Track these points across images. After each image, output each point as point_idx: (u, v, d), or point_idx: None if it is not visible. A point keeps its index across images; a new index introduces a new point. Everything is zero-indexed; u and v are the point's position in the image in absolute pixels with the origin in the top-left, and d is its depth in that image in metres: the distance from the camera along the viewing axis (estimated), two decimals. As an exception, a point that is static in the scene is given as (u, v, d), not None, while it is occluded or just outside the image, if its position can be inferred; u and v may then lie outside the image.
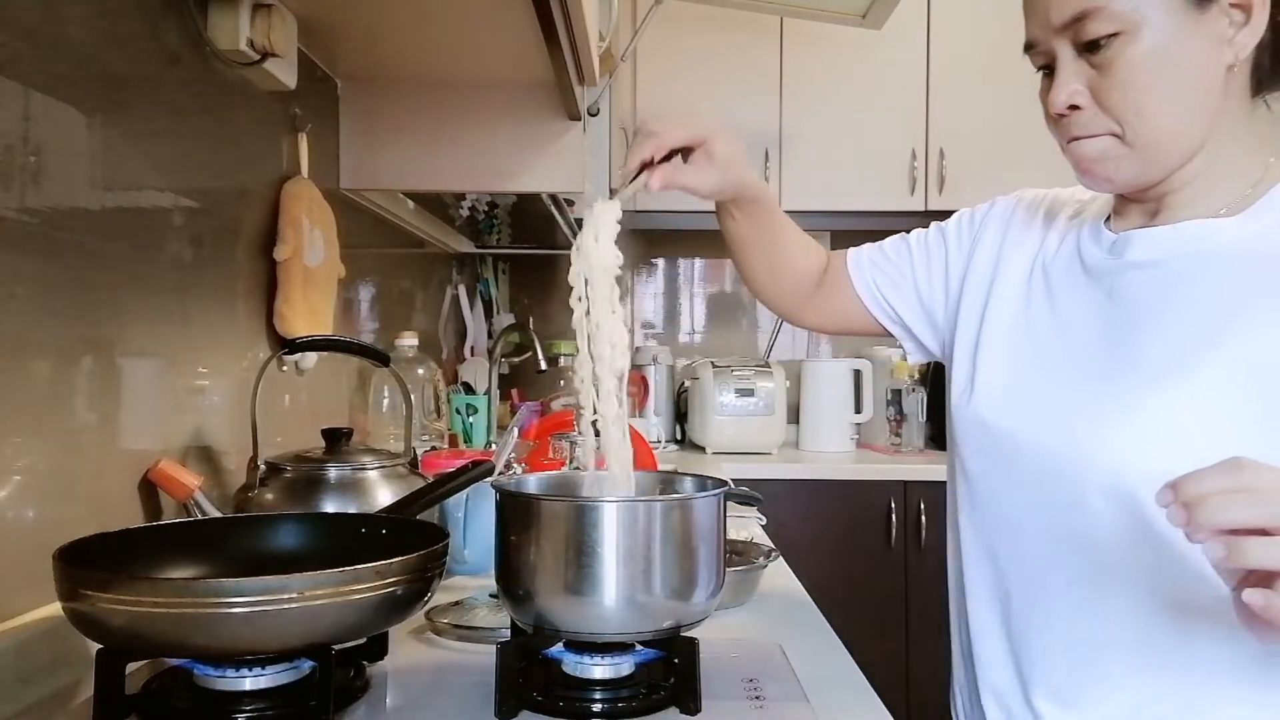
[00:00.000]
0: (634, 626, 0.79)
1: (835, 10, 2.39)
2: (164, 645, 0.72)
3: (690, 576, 0.79)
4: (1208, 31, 0.77)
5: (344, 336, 1.50)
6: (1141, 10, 0.77)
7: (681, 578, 0.79)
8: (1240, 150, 0.83)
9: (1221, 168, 0.82)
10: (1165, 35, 0.77)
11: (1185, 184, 0.83)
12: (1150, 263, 0.84)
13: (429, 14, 1.32)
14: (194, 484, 1.05)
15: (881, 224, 3.01)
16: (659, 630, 0.80)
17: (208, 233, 1.20)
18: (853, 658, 1.00)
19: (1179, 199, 0.84)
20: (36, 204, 0.86)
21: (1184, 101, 0.79)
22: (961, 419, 0.95)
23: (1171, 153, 0.81)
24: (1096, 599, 0.83)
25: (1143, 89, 0.78)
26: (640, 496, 0.85)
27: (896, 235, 1.12)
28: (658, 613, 0.79)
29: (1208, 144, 0.81)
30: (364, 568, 0.72)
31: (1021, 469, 0.88)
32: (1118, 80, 0.79)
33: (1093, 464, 0.81)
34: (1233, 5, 0.77)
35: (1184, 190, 0.83)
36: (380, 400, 1.73)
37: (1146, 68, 0.78)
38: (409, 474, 1.20)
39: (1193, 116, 0.80)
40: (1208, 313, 0.79)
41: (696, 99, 2.95)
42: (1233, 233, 0.80)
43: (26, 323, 0.86)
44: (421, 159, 1.65)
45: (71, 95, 0.92)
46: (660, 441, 3.01)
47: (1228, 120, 0.81)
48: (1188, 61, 0.78)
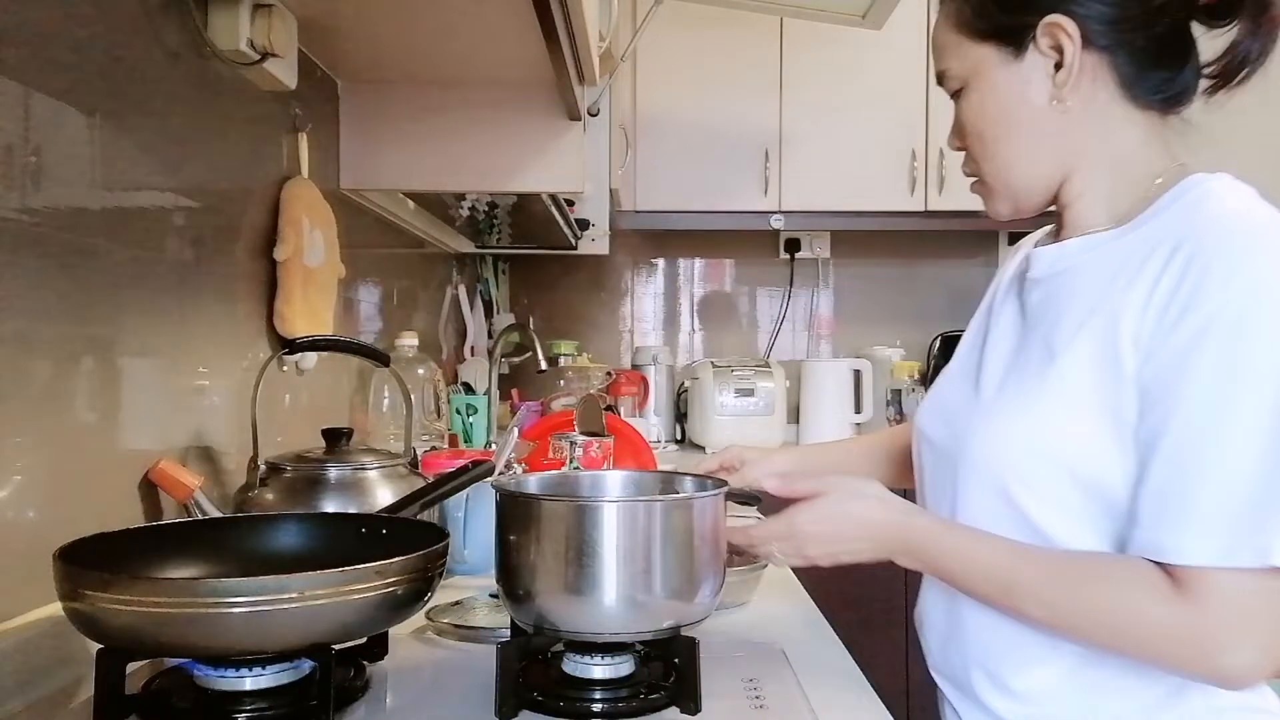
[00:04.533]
0: (634, 626, 0.79)
1: (835, 10, 2.38)
2: (164, 645, 0.72)
3: (691, 576, 0.80)
4: (1030, 76, 0.85)
5: (344, 336, 1.50)
6: (971, 67, 0.87)
7: (682, 577, 0.79)
8: (1126, 164, 0.86)
9: (1104, 184, 0.87)
10: (995, 86, 0.86)
11: (1071, 203, 0.88)
12: (1044, 278, 0.89)
13: (429, 14, 1.32)
14: (194, 484, 1.05)
15: (881, 224, 3.02)
16: (659, 630, 0.80)
17: (208, 233, 1.20)
18: (853, 658, 1.00)
19: (1071, 216, 0.89)
20: (36, 204, 0.86)
21: (1023, 141, 0.87)
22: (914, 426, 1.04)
23: (1029, 187, 0.89)
24: None
25: (986, 137, 0.88)
26: (640, 497, 0.85)
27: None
28: (658, 612, 0.79)
29: (1083, 165, 0.87)
30: (364, 568, 0.72)
31: (928, 464, 0.98)
32: (969, 130, 0.90)
33: (966, 458, 0.89)
34: (1049, 48, 0.84)
35: (1073, 208, 0.88)
36: (380, 400, 1.73)
37: (986, 117, 0.88)
38: (409, 474, 1.20)
39: (1036, 153, 0.87)
40: (1073, 319, 0.83)
41: (696, 99, 2.95)
42: (1111, 245, 0.84)
43: (26, 323, 0.86)
44: (421, 159, 1.65)
45: (71, 95, 0.92)
46: (660, 441, 3.01)
47: (1095, 142, 0.86)
48: (1019, 105, 0.86)
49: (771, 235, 3.24)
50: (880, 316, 3.32)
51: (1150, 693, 0.81)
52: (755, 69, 2.95)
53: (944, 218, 2.96)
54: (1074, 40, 0.82)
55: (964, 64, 0.88)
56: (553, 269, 3.31)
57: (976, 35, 0.87)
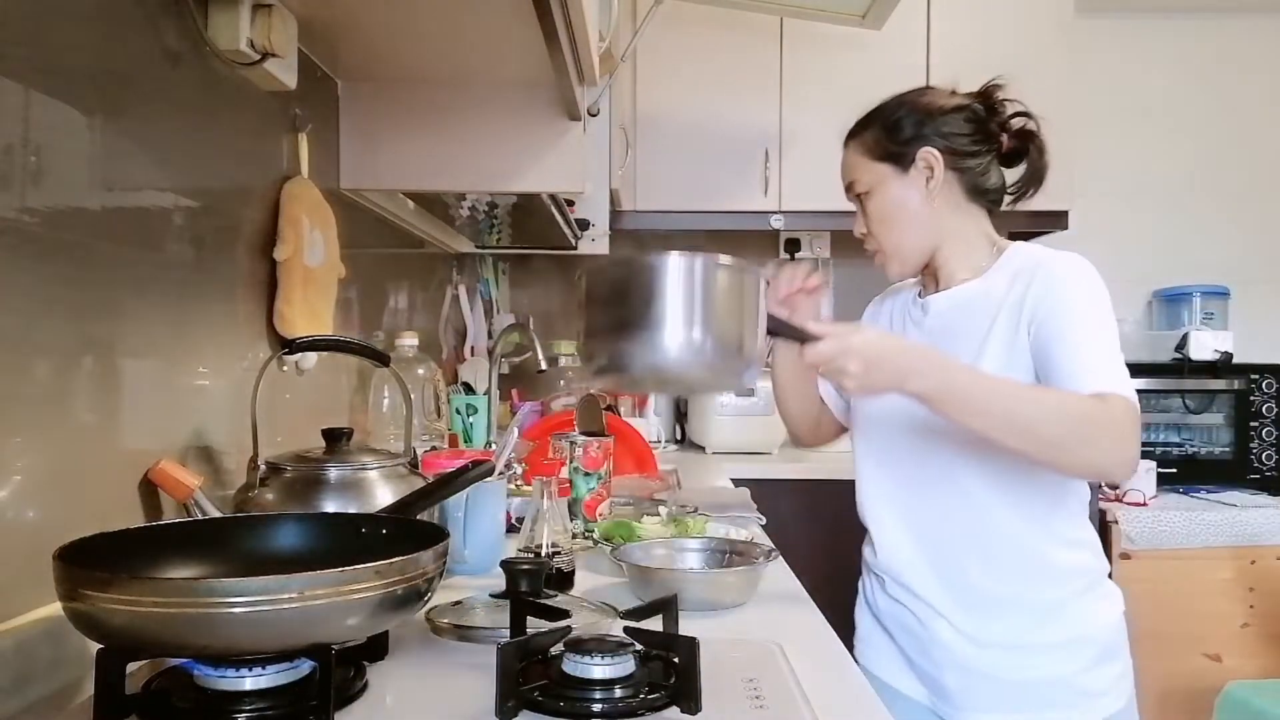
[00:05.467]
0: (690, 371, 0.94)
1: (835, 10, 2.39)
2: (164, 645, 0.72)
3: (737, 337, 0.96)
4: (912, 184, 1.30)
5: (344, 336, 1.50)
6: (872, 179, 1.32)
7: (731, 330, 0.95)
8: (972, 240, 1.32)
9: (961, 251, 1.32)
10: (890, 191, 1.31)
11: (942, 265, 1.33)
12: (939, 313, 1.34)
13: (429, 14, 1.32)
14: (194, 484, 1.05)
15: (881, 224, 3.02)
16: (706, 379, 0.99)
17: (208, 233, 1.20)
18: (853, 658, 1.00)
19: (943, 274, 1.34)
20: (36, 204, 0.87)
21: (906, 228, 1.32)
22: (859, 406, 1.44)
23: (913, 257, 1.33)
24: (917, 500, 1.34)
25: (884, 225, 1.33)
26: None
27: None
28: (710, 361, 0.93)
29: (946, 241, 1.32)
30: (364, 568, 0.72)
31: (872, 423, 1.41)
32: (871, 220, 1.34)
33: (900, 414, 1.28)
34: (923, 168, 1.29)
35: (944, 268, 1.33)
36: (380, 400, 1.73)
37: (884, 211, 1.32)
38: (409, 474, 1.20)
39: (916, 235, 1.32)
40: (969, 337, 1.26)
41: (696, 99, 2.95)
42: (977, 289, 1.30)
43: (26, 323, 0.86)
44: (421, 159, 1.65)
45: (71, 95, 0.92)
46: (660, 441, 3.01)
47: (954, 226, 1.31)
48: (904, 204, 1.31)
49: (771, 235, 3.24)
50: (880, 316, 3.34)
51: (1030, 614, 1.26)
52: (755, 69, 2.95)
53: (944, 218, 2.95)
54: (939, 163, 1.28)
55: (868, 177, 1.33)
56: (553, 269, 3.31)
57: (877, 158, 1.32)
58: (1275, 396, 2.94)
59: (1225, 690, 2.31)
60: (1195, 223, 3.40)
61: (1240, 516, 2.68)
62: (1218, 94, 3.40)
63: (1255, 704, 2.21)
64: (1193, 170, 3.41)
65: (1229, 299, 3.25)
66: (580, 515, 1.56)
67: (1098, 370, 1.15)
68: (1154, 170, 3.40)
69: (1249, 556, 2.68)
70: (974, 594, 1.27)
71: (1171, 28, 3.40)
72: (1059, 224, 2.98)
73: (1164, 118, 3.40)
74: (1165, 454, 2.96)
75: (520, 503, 1.50)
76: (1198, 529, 2.67)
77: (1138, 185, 3.40)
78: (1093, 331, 1.18)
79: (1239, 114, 3.40)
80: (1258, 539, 2.68)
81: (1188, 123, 3.41)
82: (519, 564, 1.00)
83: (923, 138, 1.29)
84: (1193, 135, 3.40)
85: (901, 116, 1.31)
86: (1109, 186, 3.35)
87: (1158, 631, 2.65)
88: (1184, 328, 3.09)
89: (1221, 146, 3.41)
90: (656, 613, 0.94)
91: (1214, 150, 3.41)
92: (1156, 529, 2.67)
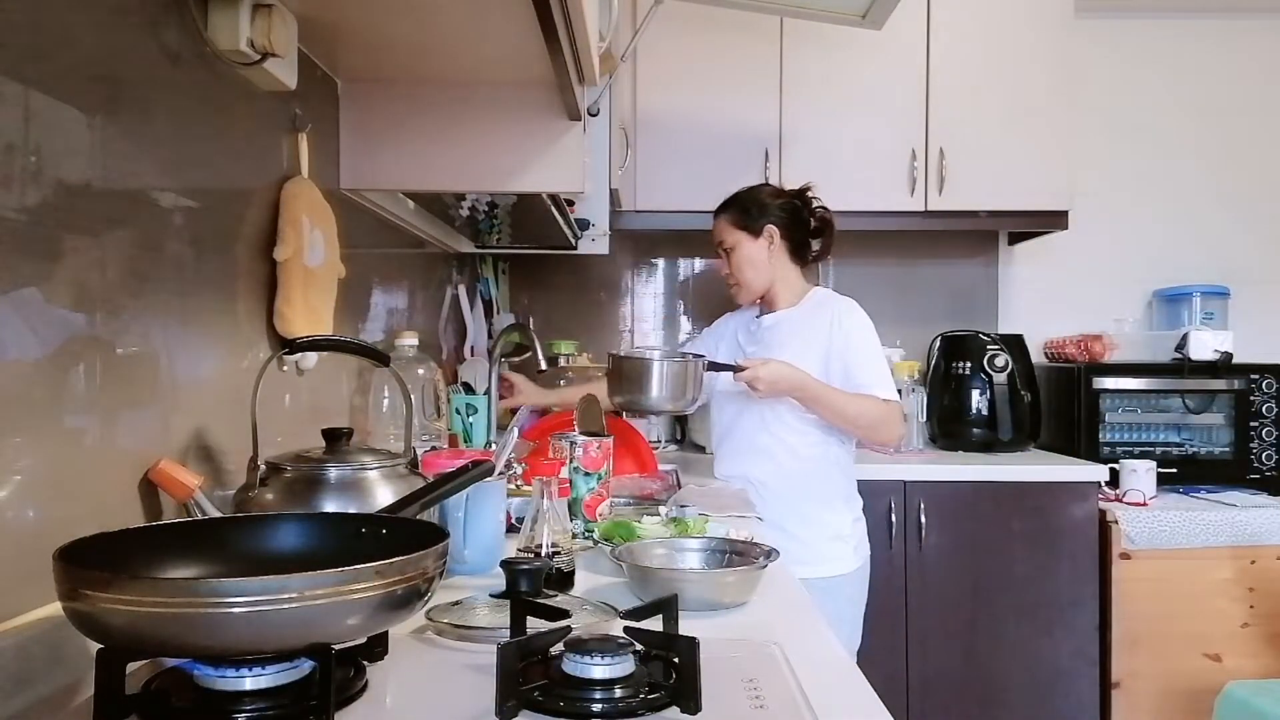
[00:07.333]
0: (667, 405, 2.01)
1: (835, 10, 2.39)
2: (164, 645, 0.72)
3: (683, 392, 1.97)
4: (760, 244, 2.16)
5: (344, 336, 1.50)
6: (734, 240, 2.18)
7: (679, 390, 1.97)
8: (792, 283, 2.19)
9: (785, 289, 2.18)
10: (746, 250, 2.17)
11: (773, 297, 2.19)
12: (768, 328, 2.18)
13: (429, 14, 1.32)
14: (194, 484, 1.05)
15: (881, 224, 3.01)
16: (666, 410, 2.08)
17: (208, 233, 1.20)
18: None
19: (775, 302, 2.20)
20: (36, 204, 0.87)
21: (754, 272, 2.18)
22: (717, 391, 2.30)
23: (755, 290, 2.20)
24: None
25: (740, 269, 2.18)
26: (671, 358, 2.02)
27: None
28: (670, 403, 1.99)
29: (776, 282, 2.18)
30: (364, 568, 0.72)
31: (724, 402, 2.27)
32: (732, 266, 2.20)
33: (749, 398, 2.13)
34: (766, 236, 2.15)
35: (778, 300, 2.19)
36: (380, 400, 1.73)
37: (740, 261, 2.18)
38: (409, 474, 1.20)
39: (759, 277, 2.18)
40: (793, 347, 2.08)
41: (696, 99, 2.95)
42: (793, 314, 2.16)
43: (26, 322, 0.85)
44: (421, 159, 1.65)
45: (71, 95, 0.92)
46: (660, 441, 3.01)
47: (782, 273, 2.18)
48: (753, 258, 2.17)
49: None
50: (880, 316, 3.29)
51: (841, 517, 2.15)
52: (755, 69, 2.95)
53: (944, 218, 2.96)
54: (776, 234, 2.15)
55: (731, 239, 2.18)
56: (553, 269, 3.31)
57: (738, 227, 2.17)
58: (1275, 396, 2.94)
59: (1225, 690, 2.31)
60: (1195, 223, 3.41)
61: (1240, 516, 2.69)
62: (1217, 94, 3.41)
63: (1255, 704, 2.21)
64: (1192, 170, 3.41)
65: (1229, 299, 3.26)
66: (580, 515, 1.56)
67: (882, 384, 2.04)
68: (1154, 170, 3.41)
69: (1249, 556, 2.68)
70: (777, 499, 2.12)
71: (1171, 28, 3.40)
72: (1059, 224, 2.98)
73: (1164, 118, 3.41)
74: (1165, 454, 2.97)
75: (520, 503, 1.50)
76: (1198, 529, 2.67)
77: (1138, 185, 3.41)
78: (875, 355, 2.07)
79: (1239, 114, 3.41)
80: (1258, 539, 2.68)
81: (1187, 123, 3.41)
82: (519, 564, 1.00)
83: (766, 216, 2.15)
84: (1192, 135, 3.41)
85: (753, 203, 2.17)
86: (1109, 186, 3.35)
87: (1158, 631, 2.66)
88: (1184, 328, 3.09)
89: (1221, 146, 3.41)
90: (656, 613, 0.94)
91: (1214, 150, 3.41)
92: (1156, 529, 2.67)
